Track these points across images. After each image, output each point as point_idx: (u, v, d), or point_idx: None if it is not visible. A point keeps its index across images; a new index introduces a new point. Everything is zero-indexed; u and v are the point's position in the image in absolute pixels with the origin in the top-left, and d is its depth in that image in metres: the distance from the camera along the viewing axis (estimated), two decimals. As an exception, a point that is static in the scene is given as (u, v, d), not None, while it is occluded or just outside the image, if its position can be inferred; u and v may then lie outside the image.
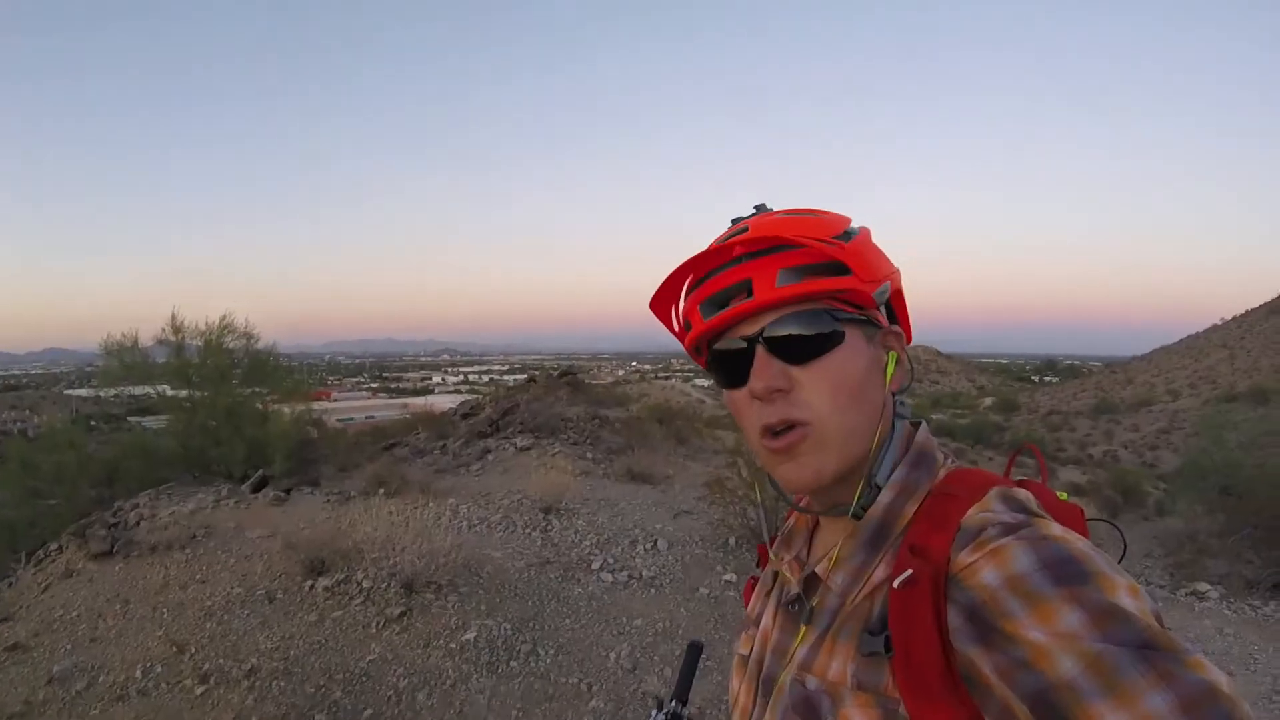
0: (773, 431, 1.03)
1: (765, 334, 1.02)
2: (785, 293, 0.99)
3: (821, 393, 1.00)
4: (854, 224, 1.09)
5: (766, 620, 1.19)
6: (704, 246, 1.12)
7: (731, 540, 8.78)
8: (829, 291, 1.01)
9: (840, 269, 1.01)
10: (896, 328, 1.12)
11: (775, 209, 1.12)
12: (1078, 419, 62.76)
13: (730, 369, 1.07)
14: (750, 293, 1.01)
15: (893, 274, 1.09)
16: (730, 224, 1.13)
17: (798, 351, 1.01)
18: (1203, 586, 8.54)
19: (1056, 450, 46.59)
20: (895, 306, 1.14)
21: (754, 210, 1.13)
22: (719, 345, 1.08)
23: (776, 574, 1.24)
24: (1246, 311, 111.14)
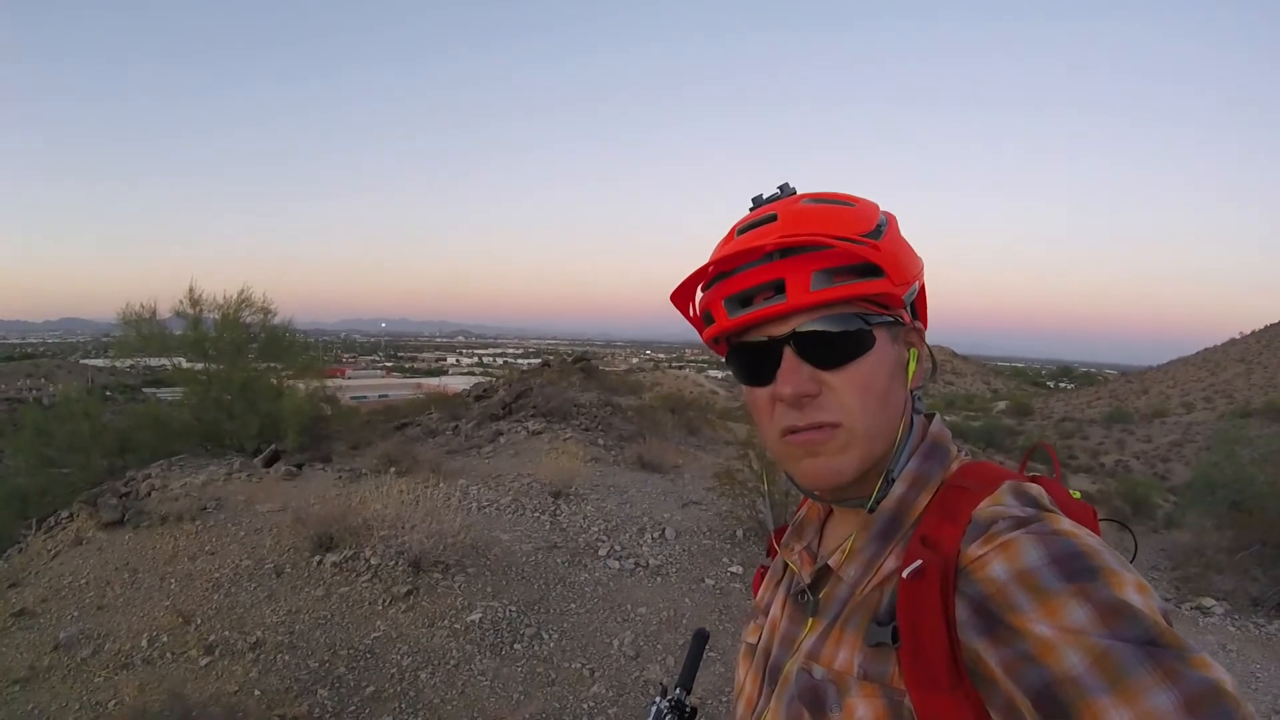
0: (795, 430, 1.01)
1: (795, 337, 0.99)
2: (820, 297, 0.96)
3: (851, 397, 0.99)
4: (882, 213, 1.06)
5: (775, 610, 1.18)
6: (723, 231, 1.10)
7: (739, 532, 8.76)
8: (863, 296, 0.98)
9: (874, 271, 0.98)
10: (918, 323, 1.09)
11: (799, 191, 1.08)
12: (1090, 427, 62.52)
13: (753, 367, 1.04)
14: (781, 292, 0.98)
15: (920, 271, 1.07)
16: (751, 204, 1.10)
17: (828, 356, 0.99)
18: (1208, 602, 8.48)
19: (1068, 458, 46.39)
20: (916, 299, 1.11)
21: (778, 191, 1.09)
22: (742, 341, 1.05)
23: (787, 564, 1.22)
24: (1265, 327, 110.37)
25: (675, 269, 1.06)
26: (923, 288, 1.10)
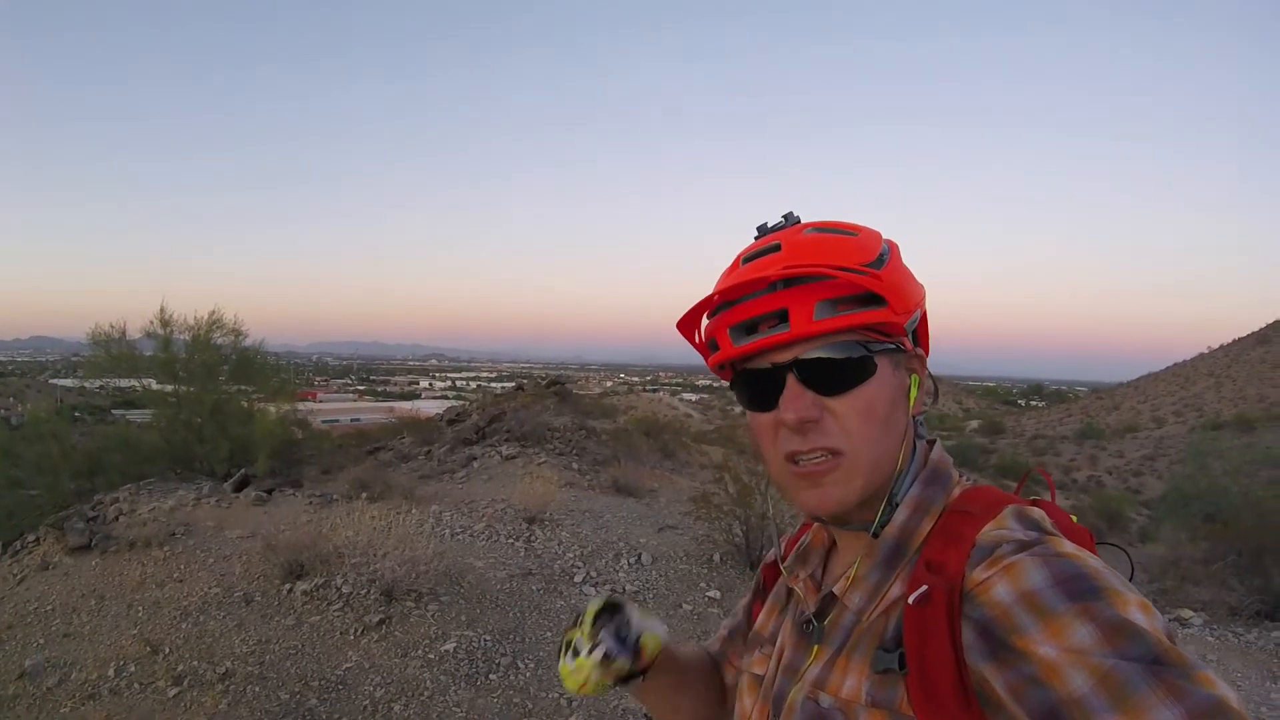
0: (798, 459, 1.02)
1: (798, 364, 1.00)
2: (822, 326, 0.98)
3: (852, 423, 1.00)
4: (885, 242, 1.07)
5: (782, 638, 1.19)
6: (728, 256, 1.11)
7: (716, 557, 8.72)
8: (865, 324, 1.00)
9: (876, 300, 1.00)
10: (919, 350, 1.10)
11: (803, 220, 1.10)
12: (1063, 443, 63.06)
13: (757, 393, 1.05)
14: (784, 321, 0.99)
15: (922, 299, 1.08)
16: (756, 233, 1.11)
17: (830, 383, 1.00)
18: (1186, 613, 8.52)
19: (1031, 484, 46.90)
20: (918, 326, 1.12)
21: (782, 220, 1.10)
22: (746, 368, 1.07)
23: (789, 591, 1.23)
24: (1234, 341, 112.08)
25: (651, 293, 1.03)
26: (924, 314, 1.11)
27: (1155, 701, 0.71)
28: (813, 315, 0.97)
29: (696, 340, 1.13)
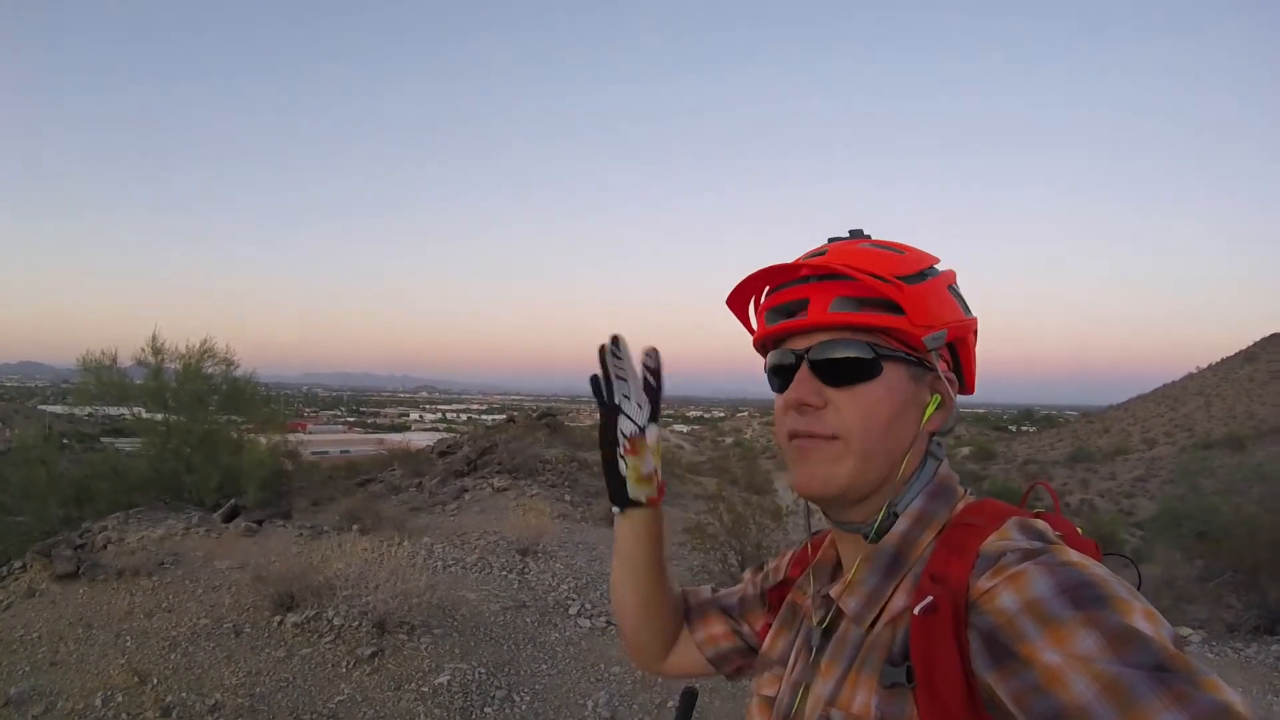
0: (797, 434, 1.08)
1: (810, 352, 1.07)
2: (835, 319, 1.05)
3: (849, 415, 1.04)
4: (939, 266, 1.12)
5: (793, 659, 1.20)
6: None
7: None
8: (877, 327, 1.04)
9: (893, 308, 1.04)
10: (951, 375, 1.12)
11: (871, 236, 1.16)
12: (1054, 468, 63.04)
13: (780, 375, 1.13)
14: (806, 311, 1.07)
15: (956, 323, 1.10)
16: (826, 242, 1.17)
17: (835, 374, 1.05)
18: (1184, 631, 8.52)
19: (1033, 499, 46.81)
20: (960, 355, 1.15)
21: (849, 234, 1.16)
22: (775, 353, 1.14)
23: (795, 610, 1.27)
24: (1222, 359, 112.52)
25: (645, 326, 1.03)
26: (965, 343, 1.14)
27: (1160, 708, 0.71)
28: (829, 308, 1.05)
29: (749, 322, 1.23)
